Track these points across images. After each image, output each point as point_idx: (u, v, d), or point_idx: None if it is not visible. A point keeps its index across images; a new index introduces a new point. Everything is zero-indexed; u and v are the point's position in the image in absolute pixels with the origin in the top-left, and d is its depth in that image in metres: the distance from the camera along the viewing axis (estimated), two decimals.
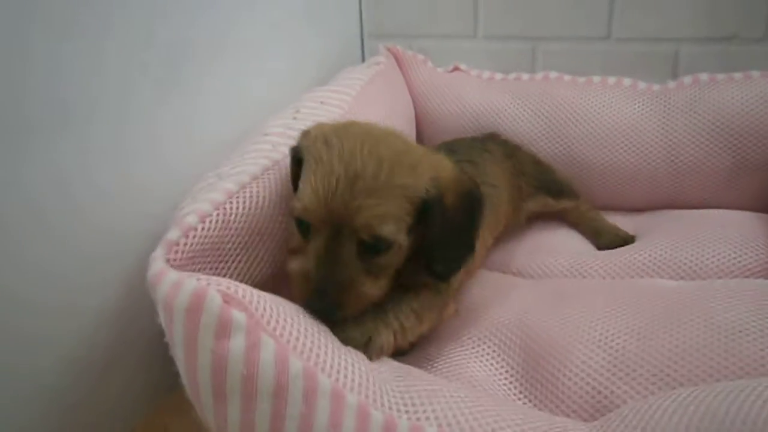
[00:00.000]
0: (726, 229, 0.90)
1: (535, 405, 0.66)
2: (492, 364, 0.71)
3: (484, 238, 0.80)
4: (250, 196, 0.65)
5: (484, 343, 0.73)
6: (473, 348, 0.73)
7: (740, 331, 0.65)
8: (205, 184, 0.67)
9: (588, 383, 0.65)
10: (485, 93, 1.10)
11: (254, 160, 0.70)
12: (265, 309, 0.51)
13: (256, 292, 0.52)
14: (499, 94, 1.09)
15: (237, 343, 0.47)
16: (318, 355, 0.51)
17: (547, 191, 0.97)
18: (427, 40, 1.29)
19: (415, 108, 1.15)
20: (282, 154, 0.71)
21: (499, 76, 1.13)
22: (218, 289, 0.48)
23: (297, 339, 0.51)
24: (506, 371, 0.70)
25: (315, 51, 1.15)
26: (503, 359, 0.71)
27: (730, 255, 0.84)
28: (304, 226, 0.60)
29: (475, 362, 0.71)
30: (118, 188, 0.68)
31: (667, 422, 0.48)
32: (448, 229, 0.60)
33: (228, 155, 0.75)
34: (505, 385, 0.69)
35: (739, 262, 0.84)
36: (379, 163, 0.56)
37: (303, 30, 1.10)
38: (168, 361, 0.51)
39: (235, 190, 0.64)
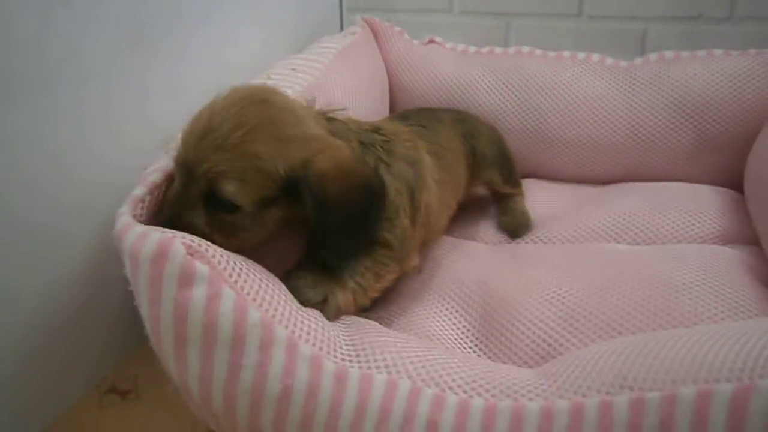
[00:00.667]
0: (684, 200, 0.93)
1: (488, 356, 0.69)
2: (450, 320, 0.74)
3: (446, 200, 0.82)
4: None
5: (444, 300, 0.76)
6: (433, 305, 0.76)
7: (684, 290, 0.69)
8: (173, 144, 0.68)
9: (539, 336, 0.68)
10: (459, 65, 1.12)
11: None
12: (227, 263, 0.53)
13: (219, 248, 0.54)
14: (472, 66, 1.11)
15: (199, 293, 0.50)
16: (276, 309, 0.53)
17: (498, 171, 0.95)
18: (404, 14, 1.31)
19: (389, 79, 1.16)
20: None
21: (472, 49, 1.15)
22: (183, 242, 0.51)
23: (257, 292, 0.53)
24: (464, 326, 0.73)
25: (294, 24, 1.16)
26: (462, 315, 0.74)
27: (685, 223, 0.88)
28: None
29: (434, 318, 0.74)
30: (102, 143, 0.70)
31: (603, 365, 0.51)
32: (333, 218, 0.59)
33: None
34: (461, 339, 0.72)
35: (692, 230, 0.87)
36: (239, 126, 0.56)
37: (283, 2, 1.11)
38: (137, 313, 0.54)
39: None
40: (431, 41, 1.19)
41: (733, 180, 0.99)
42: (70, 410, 0.72)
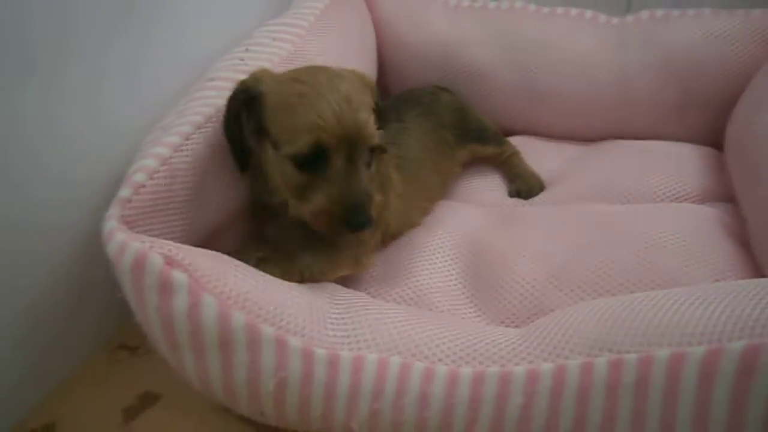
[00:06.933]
0: (666, 159, 0.97)
1: (480, 310, 0.73)
2: (443, 273, 0.77)
3: (416, 201, 0.84)
4: (195, 147, 0.66)
5: (438, 253, 0.80)
6: (428, 257, 0.79)
7: (659, 248, 0.73)
8: (152, 137, 0.68)
9: (528, 291, 0.73)
10: (452, 21, 1.11)
11: (197, 108, 0.69)
12: (205, 269, 0.54)
13: (199, 252, 0.56)
14: (465, 22, 1.11)
15: (180, 302, 0.51)
16: (260, 307, 0.55)
17: (473, 138, 0.99)
18: None
19: (378, 35, 1.14)
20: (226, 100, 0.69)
21: (465, 2, 1.14)
22: (160, 252, 0.52)
23: (238, 295, 0.54)
24: (456, 279, 0.77)
25: None
26: (454, 269, 0.78)
27: (666, 183, 0.92)
28: (313, 159, 0.62)
29: (428, 271, 0.77)
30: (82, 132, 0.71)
31: (584, 328, 0.54)
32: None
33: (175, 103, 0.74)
34: (455, 291, 0.75)
35: (673, 189, 0.91)
36: (352, 85, 0.62)
37: None
38: None
39: (178, 143, 0.64)
40: None
41: (715, 139, 1.02)
42: (83, 365, 0.76)
